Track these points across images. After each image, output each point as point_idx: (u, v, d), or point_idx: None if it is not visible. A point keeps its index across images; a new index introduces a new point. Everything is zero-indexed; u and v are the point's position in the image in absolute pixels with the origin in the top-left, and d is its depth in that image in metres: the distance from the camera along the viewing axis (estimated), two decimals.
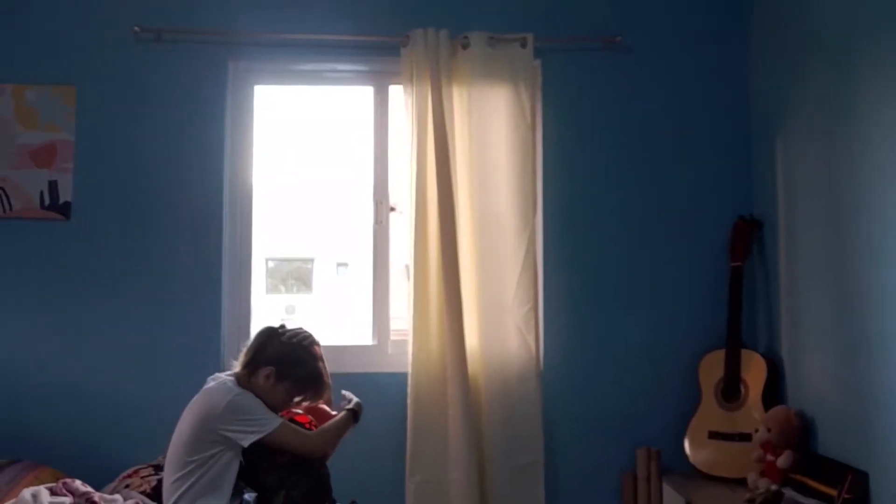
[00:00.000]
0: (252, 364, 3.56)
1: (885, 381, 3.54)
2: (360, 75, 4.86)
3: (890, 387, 3.50)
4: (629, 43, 4.74)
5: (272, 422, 3.41)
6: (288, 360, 3.55)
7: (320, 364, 3.63)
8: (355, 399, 3.73)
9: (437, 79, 4.52)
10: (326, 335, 3.99)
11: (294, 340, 3.62)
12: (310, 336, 3.67)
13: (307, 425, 3.62)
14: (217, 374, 3.67)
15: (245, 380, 3.54)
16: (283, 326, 3.68)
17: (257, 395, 3.48)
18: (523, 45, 4.61)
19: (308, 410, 3.71)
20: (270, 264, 15.83)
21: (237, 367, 3.61)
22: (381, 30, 4.63)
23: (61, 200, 4.52)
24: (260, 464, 3.50)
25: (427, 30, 4.53)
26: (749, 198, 4.74)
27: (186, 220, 4.56)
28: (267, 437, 3.39)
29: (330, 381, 3.70)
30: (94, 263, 4.53)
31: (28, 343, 4.48)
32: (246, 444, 3.38)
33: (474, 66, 4.59)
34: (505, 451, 4.48)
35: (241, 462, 3.44)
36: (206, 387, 3.61)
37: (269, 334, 3.63)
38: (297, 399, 3.63)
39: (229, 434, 3.38)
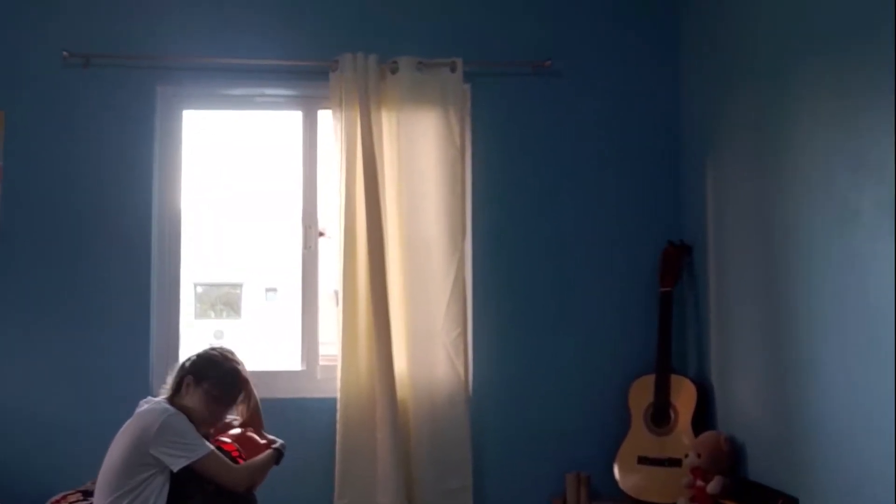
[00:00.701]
0: (176, 383, 3.58)
1: (814, 406, 3.54)
2: (290, 100, 4.86)
3: (819, 411, 3.50)
4: (559, 67, 4.74)
5: (202, 448, 3.38)
6: (202, 364, 3.59)
7: (238, 366, 3.65)
8: (280, 441, 3.71)
9: (366, 103, 4.52)
10: (255, 360, 4.01)
11: (209, 351, 3.67)
12: (229, 349, 3.73)
13: (234, 454, 3.61)
14: (149, 398, 3.67)
15: (174, 399, 3.54)
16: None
17: (186, 412, 3.46)
18: (453, 70, 4.61)
19: (237, 440, 3.68)
20: (199, 289, 15.82)
21: (166, 392, 3.60)
22: (310, 54, 4.63)
23: None
24: (186, 489, 3.46)
25: (356, 54, 4.53)
26: (679, 222, 4.75)
27: (115, 244, 4.55)
28: (195, 463, 3.36)
29: (256, 396, 3.73)
30: (21, 287, 4.50)
31: None
32: (175, 468, 3.35)
33: (403, 90, 4.59)
34: (434, 475, 4.47)
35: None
36: (138, 410, 3.59)
37: (189, 357, 3.66)
38: (225, 405, 3.64)
39: (160, 456, 3.34)
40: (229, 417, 3.72)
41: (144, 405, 3.60)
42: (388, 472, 4.35)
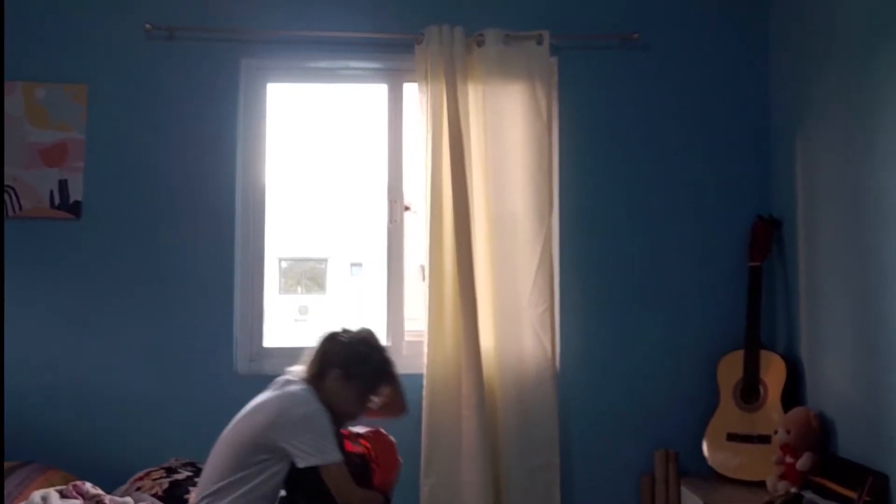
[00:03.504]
0: (320, 371, 3.53)
1: None
2: (374, 73, 4.82)
3: None
4: (646, 40, 4.69)
5: (333, 454, 3.36)
6: (353, 360, 3.54)
7: (385, 354, 3.67)
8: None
9: (452, 76, 4.47)
10: None
11: (356, 339, 3.62)
12: (370, 332, 3.69)
13: (366, 452, 3.63)
14: (290, 373, 3.63)
15: (317, 383, 3.51)
16: (344, 330, 3.66)
17: (329, 402, 3.44)
18: (539, 43, 4.56)
19: (371, 438, 3.73)
20: (284, 264, 15.77)
21: (303, 374, 3.57)
22: (395, 27, 4.59)
23: (72, 200, 4.48)
24: (297, 484, 3.44)
25: (441, 27, 4.50)
26: (768, 197, 4.69)
27: (198, 219, 4.52)
28: (322, 466, 3.34)
29: (398, 379, 3.80)
30: (104, 263, 4.49)
31: (38, 343, 4.44)
32: (302, 464, 3.32)
33: (489, 63, 4.55)
34: (520, 452, 4.44)
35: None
36: (279, 388, 3.55)
37: (331, 338, 3.61)
38: (372, 398, 3.66)
39: (291, 449, 3.32)
40: None
41: (286, 384, 3.54)
42: (474, 449, 4.33)
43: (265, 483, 3.32)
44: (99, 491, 3.63)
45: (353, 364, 3.52)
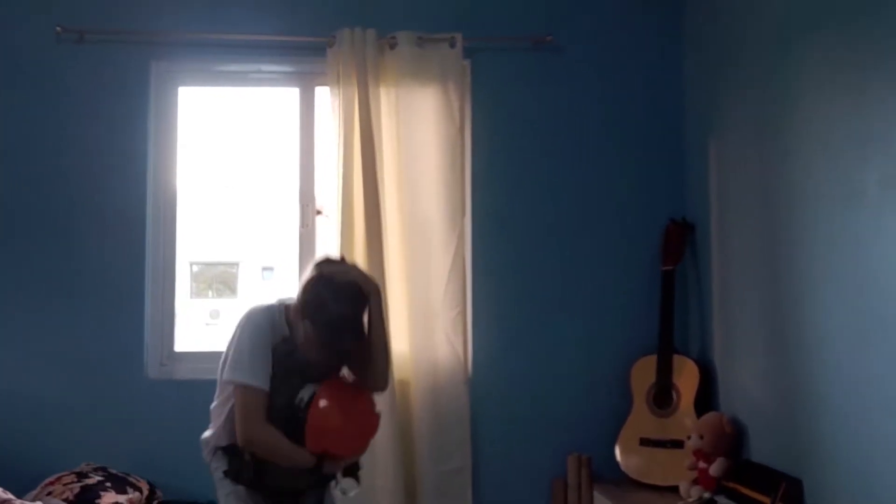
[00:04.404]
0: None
1: (818, 387, 3.48)
2: (286, 76, 4.80)
3: (823, 393, 3.44)
4: (560, 42, 4.66)
5: (243, 375, 3.16)
6: (310, 306, 3.19)
7: (346, 310, 3.20)
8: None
9: (364, 79, 4.45)
10: None
11: (320, 286, 3.23)
12: (353, 274, 3.35)
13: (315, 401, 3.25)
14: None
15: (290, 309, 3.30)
16: (328, 261, 3.39)
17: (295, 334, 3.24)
18: (452, 45, 4.54)
19: (342, 395, 3.35)
20: (195, 268, 15.74)
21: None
22: (307, 30, 4.55)
23: None
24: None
25: (354, 29, 4.47)
26: (681, 200, 4.68)
27: (109, 224, 4.49)
28: (235, 385, 3.19)
29: (378, 335, 3.35)
30: (13, 268, 4.46)
31: None
32: (225, 377, 3.23)
33: (402, 66, 4.53)
34: (433, 456, 4.44)
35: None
36: None
37: (315, 265, 3.32)
38: (325, 352, 3.22)
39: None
40: None
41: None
42: (388, 454, 4.32)
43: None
44: (9, 496, 3.63)
45: (309, 307, 3.19)
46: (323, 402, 3.23)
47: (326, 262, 3.35)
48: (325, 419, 3.24)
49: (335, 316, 3.17)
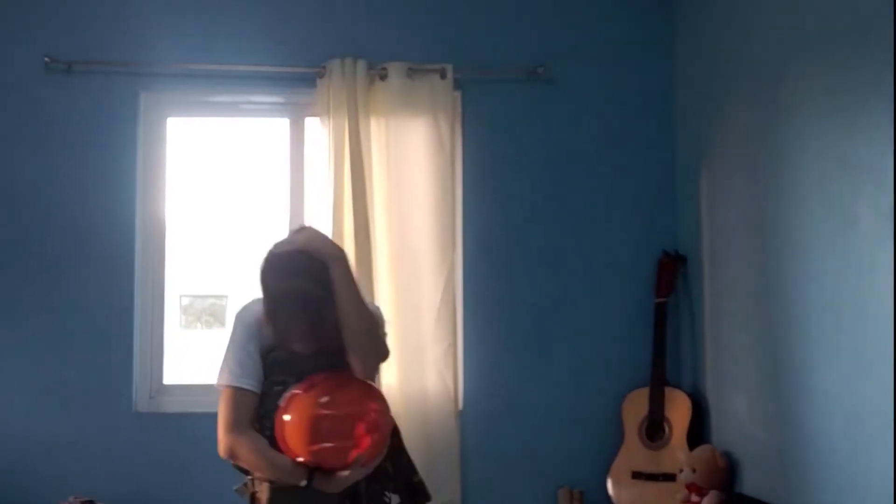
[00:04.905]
0: None
1: (810, 420, 3.46)
2: (276, 107, 4.79)
3: (816, 425, 3.42)
4: (552, 74, 4.65)
5: (221, 376, 2.90)
6: (261, 272, 2.87)
7: (289, 283, 2.82)
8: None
9: (355, 110, 4.45)
10: None
11: (275, 250, 2.91)
12: (295, 244, 2.91)
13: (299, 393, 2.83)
14: None
15: None
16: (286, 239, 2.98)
17: None
18: (443, 76, 4.53)
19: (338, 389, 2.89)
20: (185, 301, 15.68)
21: None
22: (297, 60, 4.55)
23: None
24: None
25: (344, 60, 4.47)
26: (674, 232, 4.66)
27: (97, 255, 4.46)
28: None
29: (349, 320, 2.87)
30: (0, 300, 4.42)
31: None
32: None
33: (392, 97, 4.52)
34: None
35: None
36: None
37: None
38: (277, 329, 2.87)
39: None
40: None
41: None
42: None
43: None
44: None
45: (260, 277, 2.88)
46: (284, 401, 2.83)
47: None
48: (283, 423, 2.83)
49: (278, 294, 2.83)
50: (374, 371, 3.05)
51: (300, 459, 2.80)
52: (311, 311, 2.81)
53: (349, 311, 2.85)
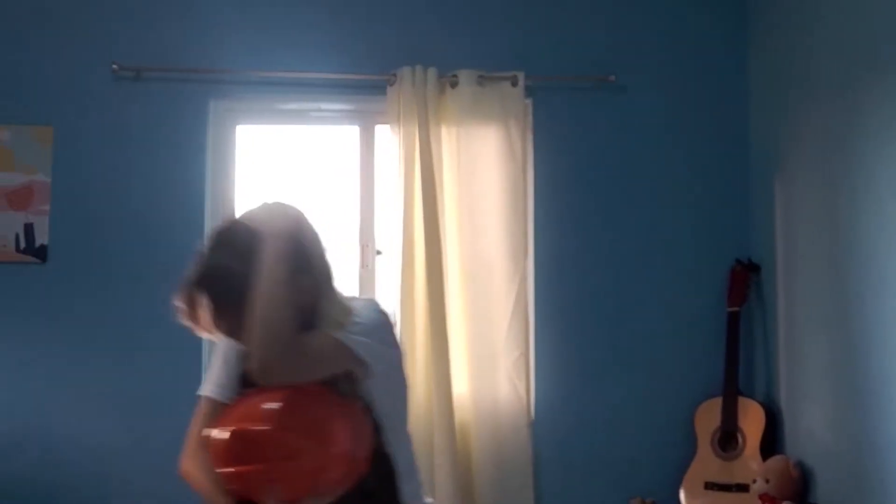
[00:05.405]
0: None
1: (885, 431, 3.44)
2: (346, 115, 4.77)
3: (890, 437, 3.40)
4: (623, 82, 4.62)
5: (202, 386, 2.54)
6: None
7: (212, 258, 2.36)
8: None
9: (425, 118, 4.43)
10: None
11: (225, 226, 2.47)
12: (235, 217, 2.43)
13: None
14: None
15: None
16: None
17: None
18: (514, 84, 4.50)
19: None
20: None
21: None
22: (367, 68, 4.53)
23: (37, 243, 4.40)
24: None
25: (414, 67, 4.44)
26: (747, 241, 4.63)
27: (167, 262, 4.35)
28: None
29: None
30: (70, 307, 4.41)
31: (2, 389, 4.35)
32: None
33: (463, 105, 4.49)
34: (494, 501, 4.37)
35: None
36: None
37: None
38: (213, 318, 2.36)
39: None
40: None
41: None
42: (448, 500, 4.26)
43: None
44: None
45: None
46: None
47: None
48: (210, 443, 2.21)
49: (199, 271, 2.38)
50: (280, 374, 2.19)
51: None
52: (234, 293, 2.23)
53: (259, 295, 2.18)
